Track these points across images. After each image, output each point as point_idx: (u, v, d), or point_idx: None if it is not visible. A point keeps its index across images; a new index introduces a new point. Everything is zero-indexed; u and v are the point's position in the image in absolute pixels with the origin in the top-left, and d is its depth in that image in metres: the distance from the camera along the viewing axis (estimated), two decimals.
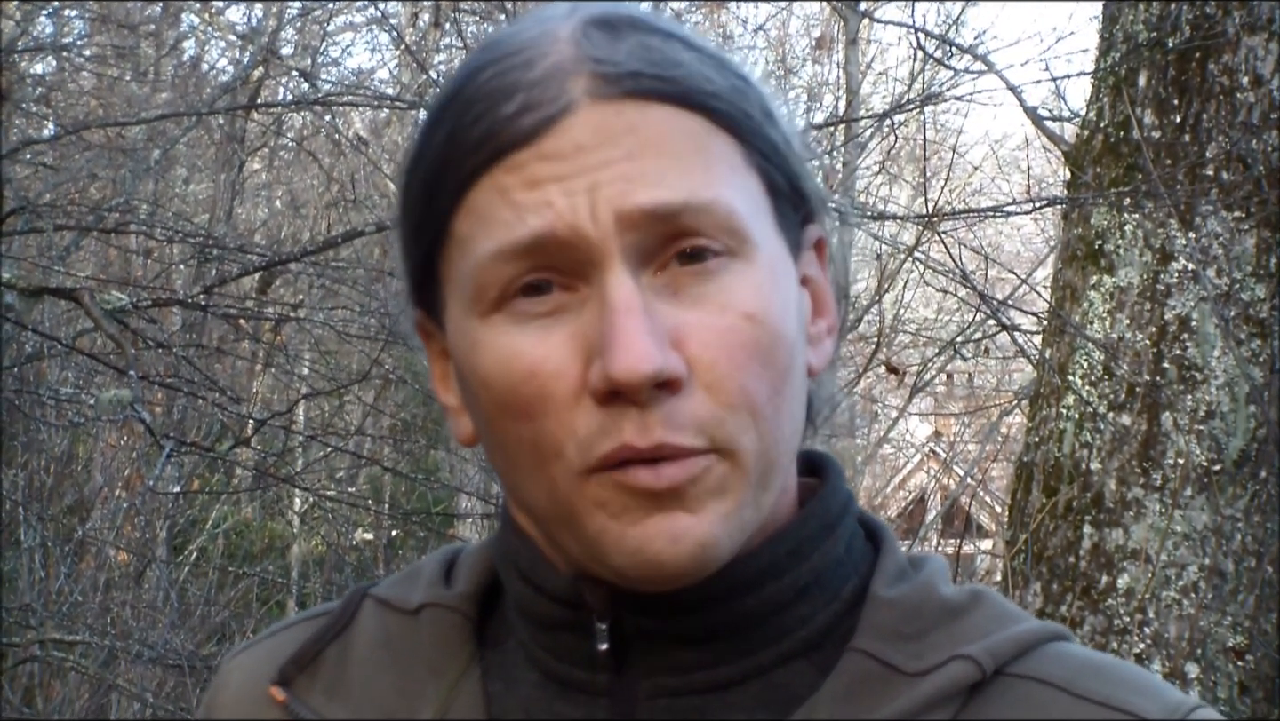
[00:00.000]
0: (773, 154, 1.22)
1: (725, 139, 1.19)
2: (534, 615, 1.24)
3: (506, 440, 1.17)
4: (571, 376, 1.13)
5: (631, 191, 1.13)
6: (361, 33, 13.71)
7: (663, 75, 1.17)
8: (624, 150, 1.14)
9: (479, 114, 1.17)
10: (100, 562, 9.63)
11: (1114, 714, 1.16)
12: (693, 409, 1.13)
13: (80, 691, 8.90)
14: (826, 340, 1.27)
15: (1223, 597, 4.91)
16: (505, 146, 1.15)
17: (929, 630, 1.20)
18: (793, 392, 1.19)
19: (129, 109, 9.48)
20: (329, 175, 12.04)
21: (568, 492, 1.14)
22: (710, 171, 1.16)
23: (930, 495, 17.06)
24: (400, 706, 1.25)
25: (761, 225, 1.19)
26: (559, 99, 1.15)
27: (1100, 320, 5.21)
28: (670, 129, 1.16)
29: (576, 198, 1.13)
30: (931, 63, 9.00)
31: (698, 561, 1.13)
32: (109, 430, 9.82)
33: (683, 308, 1.14)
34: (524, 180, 1.15)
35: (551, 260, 1.14)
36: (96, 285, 6.04)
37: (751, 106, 1.21)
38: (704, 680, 1.20)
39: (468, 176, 1.17)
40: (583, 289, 1.14)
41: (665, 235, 1.14)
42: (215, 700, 1.35)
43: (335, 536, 9.96)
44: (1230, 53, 5.17)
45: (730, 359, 1.14)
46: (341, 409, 10.53)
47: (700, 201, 1.14)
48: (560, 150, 1.14)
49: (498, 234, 1.15)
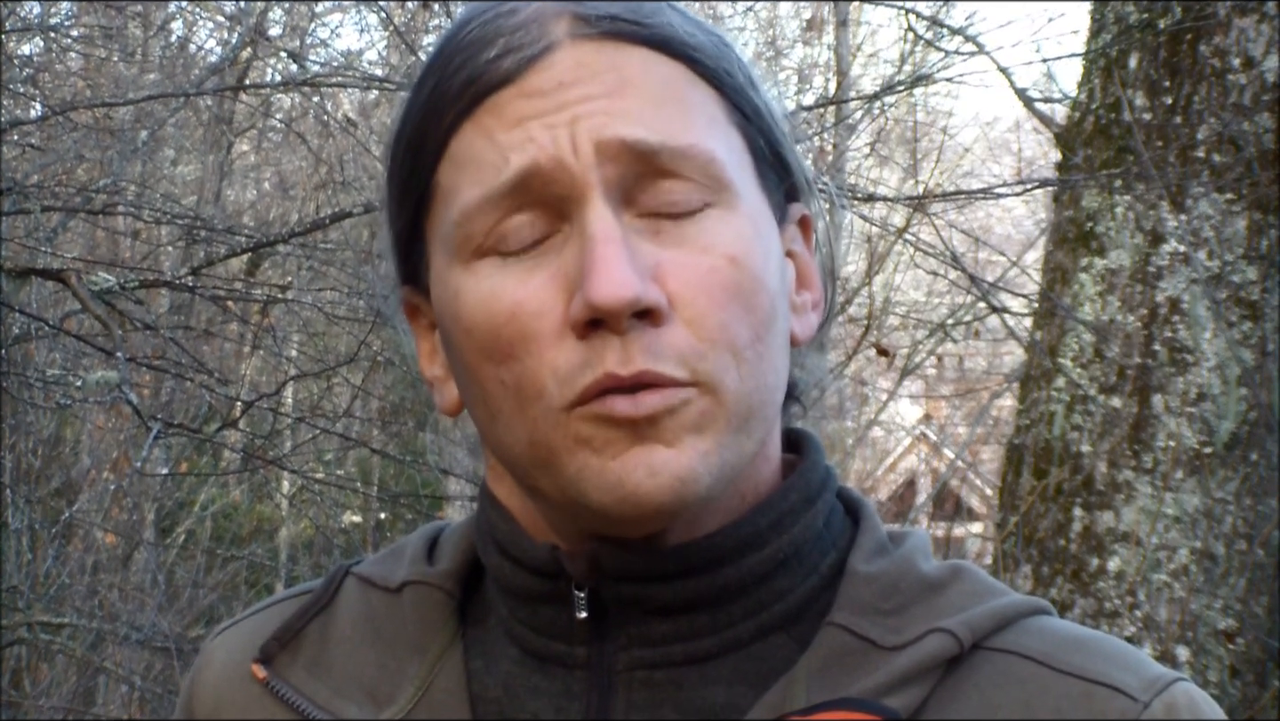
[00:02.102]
0: (755, 116, 1.23)
1: (706, 90, 1.20)
2: (512, 588, 1.24)
3: (488, 387, 1.17)
4: (553, 314, 1.13)
5: (611, 124, 1.14)
6: (350, 14, 13.67)
7: (643, 21, 1.18)
8: (605, 86, 1.15)
9: (461, 63, 1.18)
10: (88, 545, 9.63)
11: (1093, 687, 1.16)
12: (673, 340, 1.13)
13: (68, 674, 8.90)
14: (811, 313, 1.27)
15: (1213, 580, 4.91)
16: (487, 89, 1.17)
17: (907, 605, 1.20)
18: (775, 343, 1.19)
19: (117, 90, 9.45)
20: (317, 156, 12.01)
21: (548, 433, 1.14)
22: (689, 117, 1.17)
23: (920, 478, 17.10)
24: (382, 682, 1.25)
25: (743, 179, 1.19)
26: (540, 40, 1.16)
27: (1091, 302, 5.20)
28: (651, 72, 1.17)
29: (558, 130, 1.14)
30: (922, 44, 9.01)
31: (676, 495, 1.13)
32: (96, 412, 9.80)
33: (664, 247, 1.15)
34: (506, 119, 1.15)
35: (536, 198, 1.14)
36: (84, 266, 6.02)
37: (733, 67, 1.22)
38: (681, 653, 1.20)
39: (451, 124, 1.18)
40: (565, 228, 1.15)
41: (644, 174, 1.15)
42: (199, 677, 1.35)
43: (323, 519, 9.94)
44: (1221, 34, 5.16)
45: (711, 297, 1.14)
46: (330, 391, 10.51)
47: (679, 144, 1.15)
48: (541, 87, 1.15)
49: (484, 178, 1.15)
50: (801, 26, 14.64)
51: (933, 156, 9.95)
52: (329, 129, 11.55)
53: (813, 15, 13.99)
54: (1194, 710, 1.17)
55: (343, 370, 8.06)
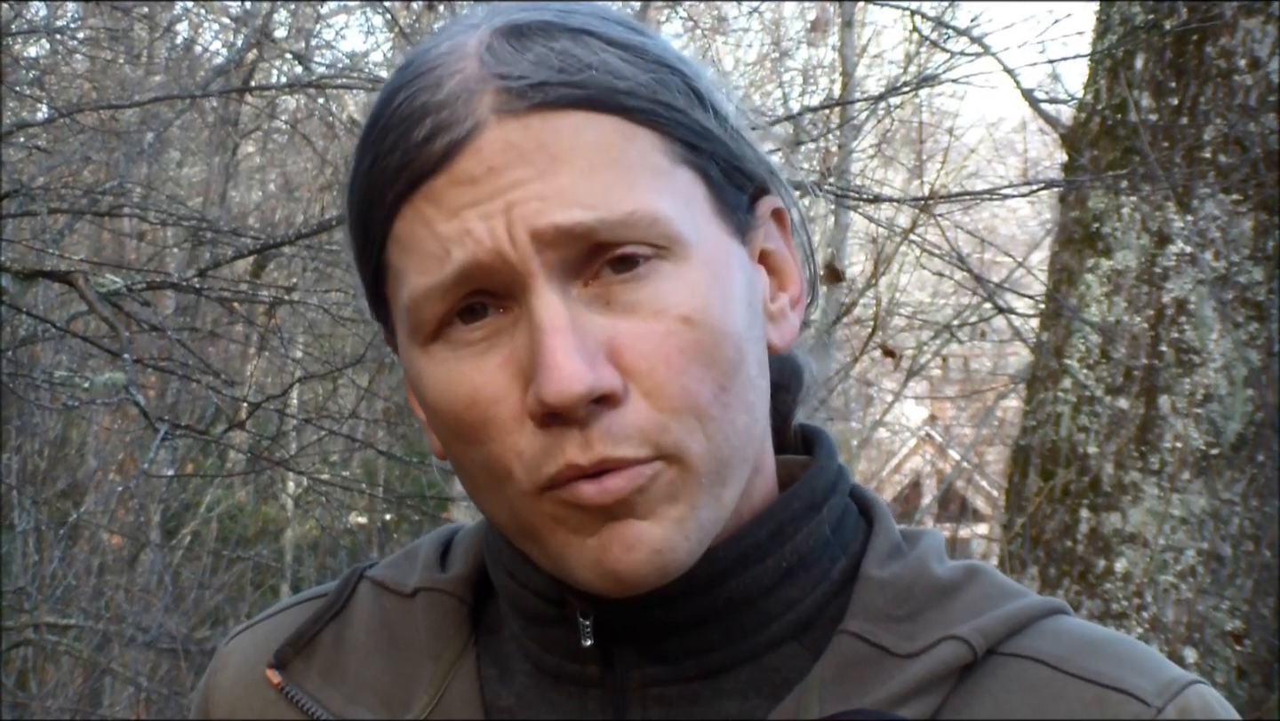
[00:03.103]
0: (703, 140, 1.18)
1: (645, 137, 1.15)
2: (522, 609, 1.23)
3: (462, 462, 1.16)
4: (511, 401, 1.12)
5: (546, 210, 1.11)
6: (355, 15, 13.69)
7: (570, 80, 1.14)
8: (536, 168, 1.12)
9: (394, 142, 1.16)
10: (94, 546, 9.63)
11: (1106, 692, 1.15)
12: (634, 419, 1.11)
13: (74, 675, 8.90)
14: (791, 313, 1.25)
15: (1220, 581, 4.90)
16: (420, 174, 1.14)
17: (921, 610, 1.19)
18: (744, 386, 1.16)
19: (123, 92, 9.45)
20: (323, 158, 12.01)
21: (524, 511, 1.13)
22: (628, 179, 1.13)
23: (925, 479, 17.09)
24: (396, 689, 1.25)
25: (695, 220, 1.16)
26: (466, 120, 1.13)
27: (1097, 303, 5.20)
28: (582, 140, 1.13)
29: (494, 220, 1.11)
30: (927, 45, 9.01)
31: (654, 567, 1.12)
32: (103, 414, 9.81)
33: (616, 317, 1.12)
34: (444, 209, 1.13)
35: (482, 285, 1.13)
36: (90, 268, 6.02)
37: (673, 95, 1.18)
38: (694, 667, 1.19)
39: (391, 206, 1.16)
40: (515, 309, 1.13)
41: (586, 251, 1.12)
42: (214, 681, 1.35)
43: (329, 520, 9.93)
44: (1228, 35, 5.16)
45: (668, 364, 1.12)
46: (335, 392, 10.51)
47: (616, 216, 1.12)
48: (472, 174, 1.12)
49: (427, 267, 1.13)
50: (806, 27, 14.64)
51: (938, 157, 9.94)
52: (334, 130, 11.55)
53: (817, 16, 14.00)
54: (1208, 715, 1.16)
55: (349, 371, 8.05)
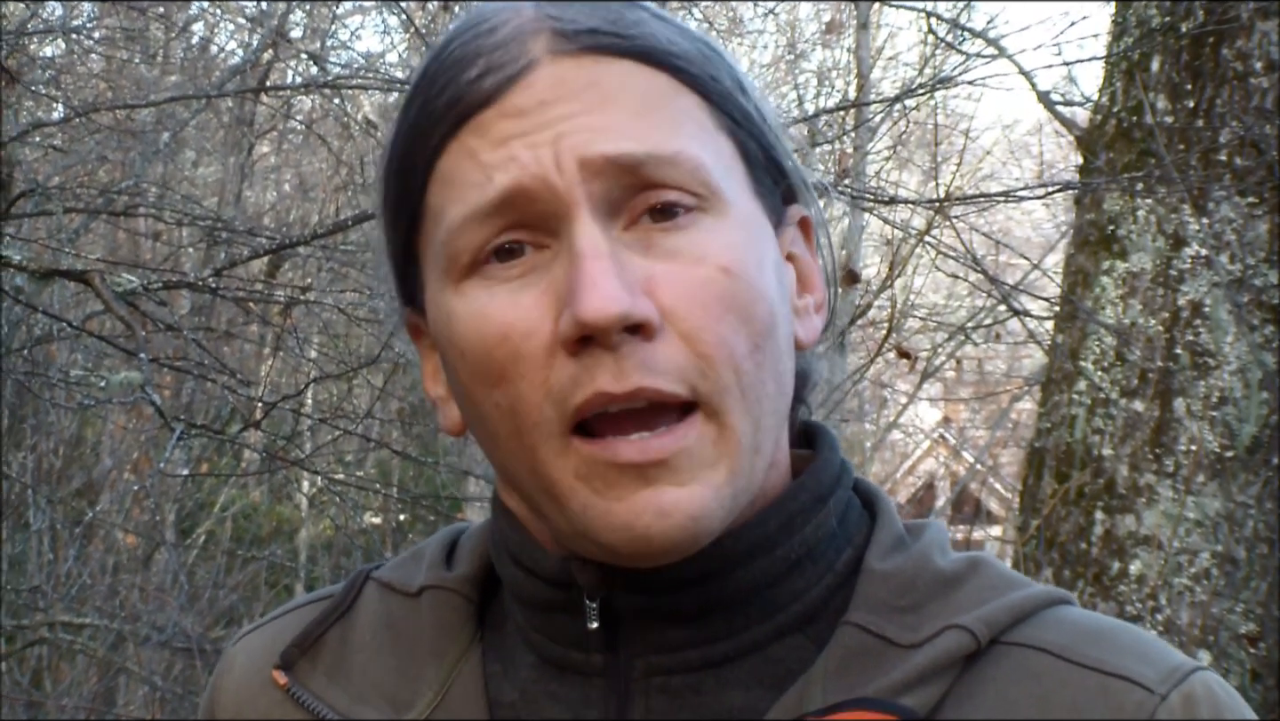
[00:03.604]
0: (745, 121, 1.21)
1: (691, 98, 1.18)
2: (526, 597, 1.23)
3: (485, 411, 1.16)
4: (543, 333, 1.12)
5: (594, 140, 1.13)
6: (371, 15, 13.71)
7: (622, 33, 1.17)
8: (585, 103, 1.14)
9: (445, 84, 1.18)
10: (109, 545, 9.65)
11: (1110, 680, 1.15)
12: (669, 354, 1.11)
13: (89, 674, 8.92)
14: (814, 316, 1.26)
15: (1235, 584, 4.89)
16: (469, 109, 1.16)
17: (924, 601, 1.19)
18: (776, 354, 1.17)
19: (138, 92, 9.46)
20: (338, 158, 12.03)
21: (548, 464, 1.13)
22: (674, 126, 1.16)
23: (939, 481, 17.08)
24: (401, 688, 1.26)
25: (734, 185, 1.18)
26: (519, 59, 1.16)
27: (1112, 305, 5.19)
28: (632, 84, 1.16)
29: (541, 150, 1.13)
30: (943, 47, 9.00)
31: (689, 534, 1.12)
32: (118, 413, 9.82)
33: (655, 260, 1.13)
34: (490, 140, 1.15)
35: (522, 216, 1.14)
36: (106, 267, 6.03)
37: (720, 73, 1.21)
38: (698, 657, 1.19)
39: (437, 145, 1.17)
40: (553, 245, 1.14)
41: (631, 186, 1.14)
42: (220, 682, 1.36)
43: (343, 520, 9.94)
44: (1244, 38, 5.15)
45: (705, 309, 1.12)
46: (350, 392, 10.52)
47: (664, 153, 1.14)
48: (523, 106, 1.14)
49: (468, 196, 1.15)
50: (821, 29, 14.64)
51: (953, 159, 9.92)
52: (349, 131, 11.57)
53: (833, 18, 13.99)
54: (1212, 700, 1.15)
55: (363, 371, 8.06)
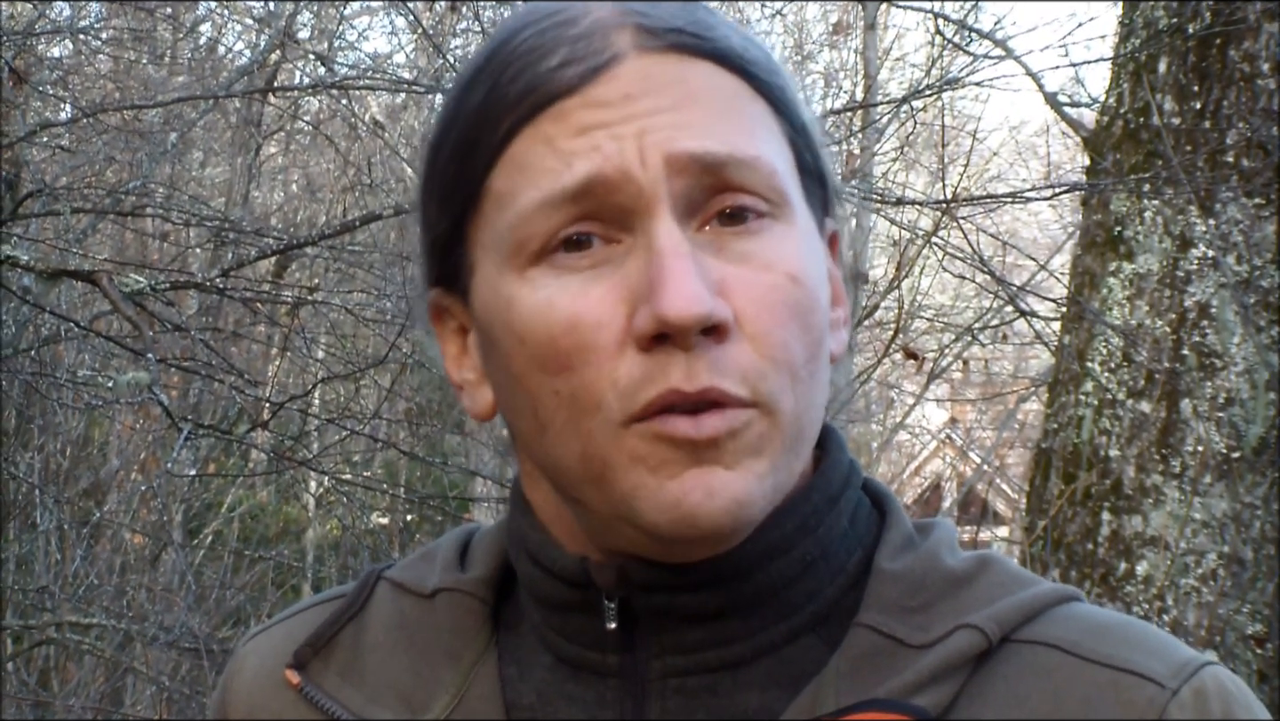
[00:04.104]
0: (801, 131, 1.23)
1: (762, 104, 1.20)
2: (544, 597, 1.23)
3: (540, 397, 1.16)
4: (614, 326, 1.13)
5: (679, 137, 1.14)
6: (378, 16, 13.72)
7: (703, 35, 1.19)
8: (671, 99, 1.15)
9: (519, 70, 1.18)
10: (116, 545, 9.65)
11: (1121, 675, 1.15)
12: (737, 358, 1.12)
13: (96, 674, 8.92)
14: (842, 329, 1.27)
15: (1242, 585, 4.89)
16: (550, 97, 1.16)
17: (934, 601, 1.20)
18: (823, 364, 1.19)
19: (146, 92, 9.47)
20: (345, 159, 12.03)
21: (604, 447, 1.13)
22: (752, 130, 1.17)
23: (946, 482, 17.08)
24: (416, 689, 1.25)
25: (795, 192, 1.20)
26: (605, 50, 1.16)
27: (1119, 306, 5.19)
28: (713, 85, 1.18)
29: (625, 142, 1.14)
30: (950, 48, 9.00)
31: (733, 517, 1.13)
32: (125, 413, 9.83)
33: (726, 263, 1.14)
34: (571, 128, 1.15)
35: (598, 207, 1.14)
36: (114, 268, 6.04)
37: (784, 82, 1.23)
38: (714, 658, 1.20)
39: (509, 130, 1.17)
40: (626, 240, 1.15)
41: (710, 187, 1.15)
42: (231, 682, 1.35)
43: (351, 520, 9.95)
44: (1251, 39, 5.15)
45: (774, 315, 1.14)
46: (358, 393, 10.53)
47: (745, 156, 1.15)
48: (608, 98, 1.15)
49: (544, 182, 1.15)
50: (829, 30, 14.64)
51: (960, 160, 9.92)
52: (357, 131, 11.58)
53: (840, 19, 13.99)
54: (1223, 694, 1.16)
55: (371, 372, 8.07)
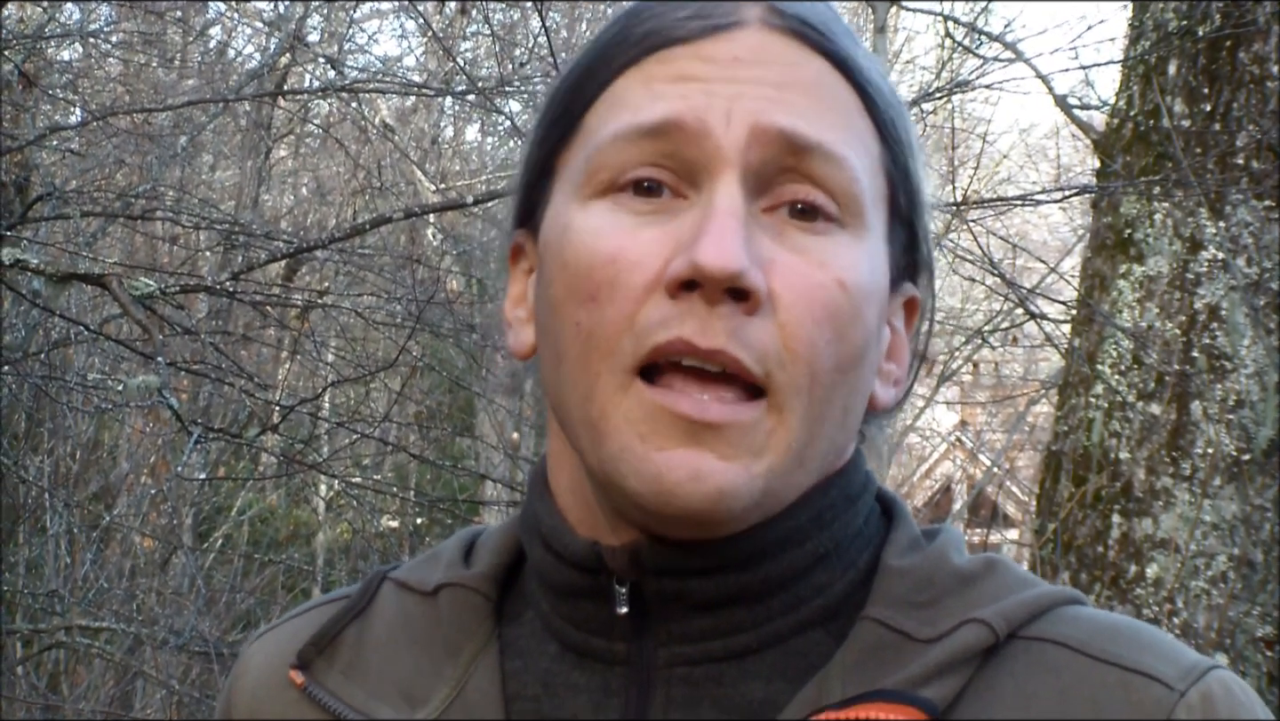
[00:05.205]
0: (904, 178, 1.23)
1: (869, 125, 1.21)
2: (555, 583, 1.24)
3: (564, 328, 1.17)
4: (650, 269, 1.14)
5: (772, 110, 1.15)
6: (388, 20, 13.75)
7: (834, 39, 1.21)
8: (778, 77, 1.17)
9: (648, 17, 1.21)
10: (126, 549, 9.65)
11: (1130, 675, 1.16)
12: (760, 335, 1.13)
13: (106, 678, 8.92)
14: (893, 386, 1.27)
15: (1252, 587, 4.89)
16: (663, 42, 1.18)
17: (941, 597, 1.21)
18: (854, 383, 1.19)
19: (156, 95, 9.49)
20: (355, 162, 12.06)
21: (605, 396, 1.15)
22: (848, 135, 1.18)
23: (957, 484, 17.06)
24: (416, 684, 1.26)
25: (876, 219, 1.20)
26: (731, 14, 1.19)
27: (1129, 309, 5.19)
28: (823, 81, 1.19)
29: (716, 99, 1.15)
30: (960, 50, 8.99)
31: (712, 505, 1.13)
32: (135, 416, 9.84)
33: (782, 249, 1.15)
34: (671, 72, 1.17)
35: (671, 151, 1.16)
36: (123, 271, 6.04)
37: (902, 124, 1.23)
38: (721, 648, 1.20)
39: (618, 69, 1.20)
40: (691, 196, 1.16)
41: (788, 169, 1.15)
42: (237, 683, 1.36)
43: (361, 523, 9.96)
44: (1261, 41, 5.15)
45: (809, 309, 1.14)
46: (368, 396, 10.54)
47: (833, 151, 1.16)
48: (716, 55, 1.17)
49: (625, 116, 1.17)
50: None
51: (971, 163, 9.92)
52: (367, 134, 11.59)
53: (849, 21, 13.99)
54: (1230, 698, 1.16)
55: (381, 375, 8.07)
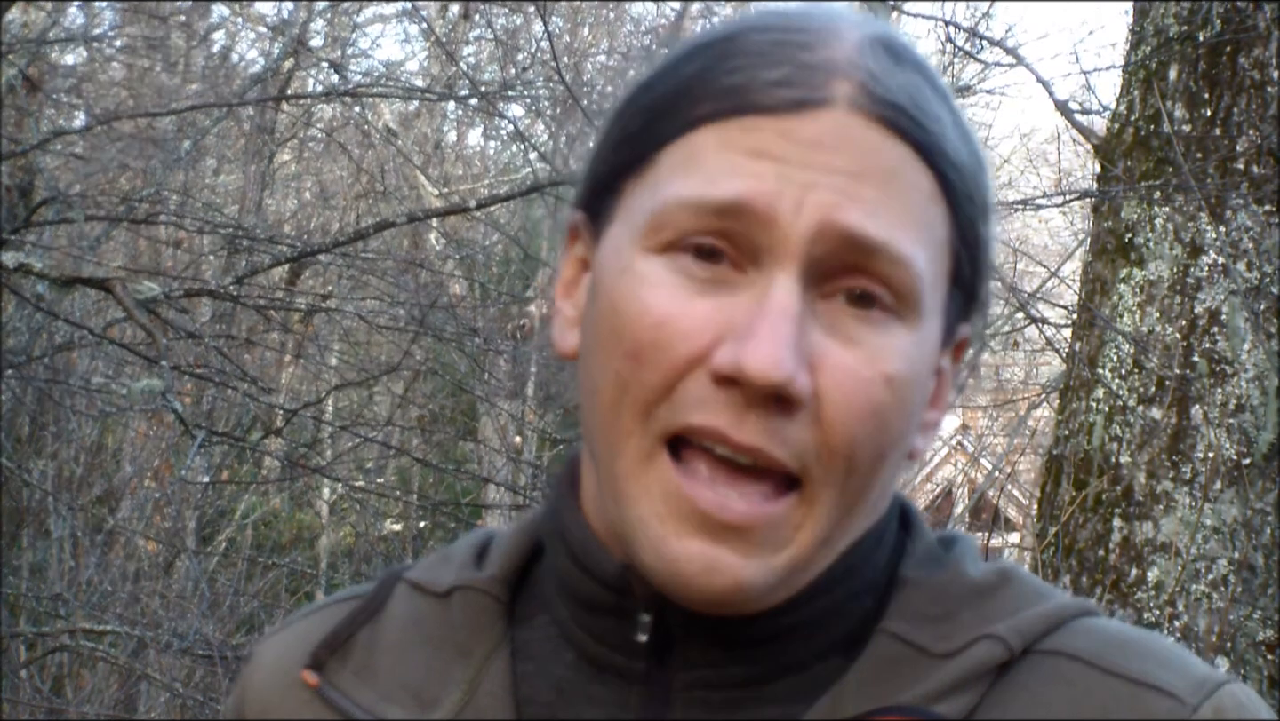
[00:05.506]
0: (972, 246, 1.22)
1: (943, 210, 1.19)
2: (578, 595, 1.24)
3: (603, 371, 1.16)
4: (697, 344, 1.13)
5: (845, 207, 1.13)
6: (391, 24, 13.76)
7: (921, 123, 1.17)
8: (855, 166, 1.14)
9: (738, 65, 1.17)
10: (130, 552, 9.65)
11: (1141, 689, 1.16)
12: (799, 435, 1.12)
13: (110, 681, 8.91)
14: (930, 431, 1.26)
15: (1252, 591, 4.89)
16: (750, 107, 1.15)
17: (957, 611, 1.20)
18: (892, 462, 1.18)
19: (159, 100, 9.49)
20: (358, 166, 12.06)
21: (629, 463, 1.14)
22: (918, 231, 1.16)
23: (958, 488, 17.03)
24: (428, 686, 1.26)
25: (933, 303, 1.19)
26: (821, 90, 1.15)
27: (1130, 313, 5.19)
28: (905, 173, 1.16)
29: (789, 186, 1.13)
30: (961, 56, 8.99)
31: (728, 597, 1.13)
32: (139, 420, 9.84)
33: (833, 341, 1.13)
34: (751, 145, 1.14)
35: (736, 229, 1.13)
36: (127, 275, 6.05)
37: (979, 194, 1.21)
38: (741, 675, 1.20)
39: (700, 117, 1.17)
40: (750, 273, 1.14)
41: (850, 265, 1.14)
42: (248, 683, 1.36)
43: (364, 527, 9.96)
44: (1261, 46, 5.15)
45: (852, 409, 1.13)
46: (371, 400, 10.54)
47: (898, 253, 1.14)
48: (799, 135, 1.14)
49: (697, 184, 1.14)
50: None
51: None
52: (370, 139, 11.60)
53: None
54: (1241, 713, 1.16)
55: (384, 379, 8.08)
